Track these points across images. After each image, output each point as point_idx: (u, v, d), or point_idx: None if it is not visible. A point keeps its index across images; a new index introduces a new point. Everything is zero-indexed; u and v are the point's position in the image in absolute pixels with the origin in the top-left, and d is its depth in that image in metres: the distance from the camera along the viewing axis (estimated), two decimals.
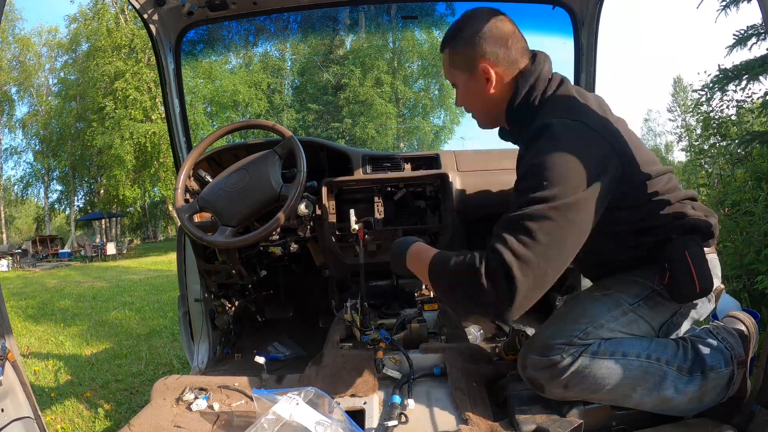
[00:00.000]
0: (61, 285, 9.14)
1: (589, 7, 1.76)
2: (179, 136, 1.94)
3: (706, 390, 1.06)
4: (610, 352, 1.06)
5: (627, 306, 1.10)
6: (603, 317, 1.09)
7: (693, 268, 1.02)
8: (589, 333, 1.07)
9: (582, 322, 1.08)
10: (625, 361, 1.05)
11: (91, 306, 5.98)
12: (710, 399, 1.08)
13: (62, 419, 2.25)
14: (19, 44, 23.52)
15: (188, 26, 1.83)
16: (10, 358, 1.01)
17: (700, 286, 1.02)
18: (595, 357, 1.05)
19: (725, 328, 1.14)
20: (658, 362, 1.06)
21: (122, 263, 15.11)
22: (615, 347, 1.06)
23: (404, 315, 1.64)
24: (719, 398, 1.09)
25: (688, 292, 1.04)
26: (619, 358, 1.05)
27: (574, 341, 1.06)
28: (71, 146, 23.28)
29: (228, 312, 2.02)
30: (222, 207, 1.50)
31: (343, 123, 22.87)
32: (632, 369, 1.05)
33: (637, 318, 1.10)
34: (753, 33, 4.34)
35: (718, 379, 1.06)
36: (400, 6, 2.08)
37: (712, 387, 1.06)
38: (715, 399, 1.09)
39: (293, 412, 1.04)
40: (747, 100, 4.26)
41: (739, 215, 3.01)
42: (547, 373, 1.07)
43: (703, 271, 1.03)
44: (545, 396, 1.11)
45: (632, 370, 1.05)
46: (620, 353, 1.05)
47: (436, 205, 1.80)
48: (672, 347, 1.09)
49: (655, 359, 1.06)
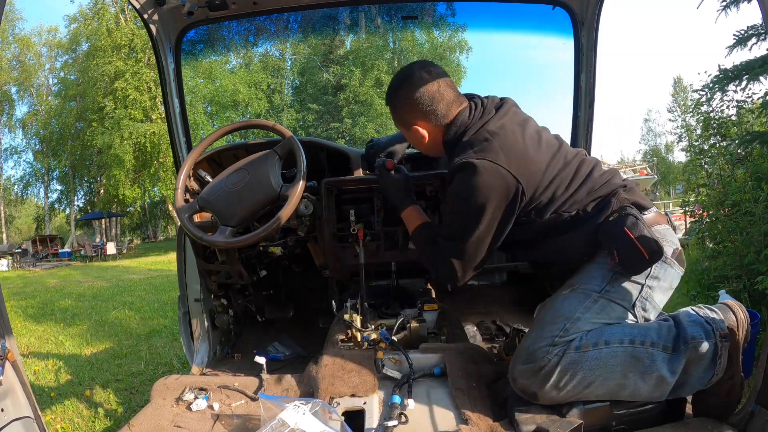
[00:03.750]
0: (61, 285, 9.15)
1: (589, 7, 1.76)
2: (179, 136, 1.94)
3: (691, 360, 1.08)
4: (593, 343, 1.09)
5: (596, 294, 1.15)
6: (577, 311, 1.14)
7: (634, 239, 1.09)
8: (568, 329, 1.12)
9: (558, 321, 1.14)
10: (609, 349, 1.08)
11: (91, 306, 5.98)
12: (699, 374, 1.09)
13: (62, 419, 2.25)
14: (19, 44, 23.53)
15: (188, 26, 1.83)
16: (10, 358, 1.01)
17: (648, 254, 1.09)
18: (579, 351, 1.09)
19: (706, 306, 1.17)
20: (643, 345, 1.08)
21: (122, 263, 15.12)
22: (597, 337, 1.10)
23: (404, 315, 1.65)
24: (708, 375, 1.09)
25: (638, 262, 1.11)
26: (603, 347, 1.09)
27: (556, 341, 1.11)
28: (71, 146, 23.28)
29: (228, 312, 2.02)
30: (222, 207, 1.50)
31: (343, 123, 22.87)
32: (618, 356, 1.08)
33: (608, 302, 1.15)
34: (753, 33, 4.33)
35: (702, 350, 1.07)
36: (400, 6, 2.08)
37: (697, 358, 1.08)
38: (704, 375, 1.09)
39: (299, 421, 1.06)
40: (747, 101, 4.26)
41: (739, 215, 3.01)
42: (537, 379, 1.10)
43: (646, 240, 1.09)
44: (540, 403, 1.13)
45: (619, 357, 1.08)
46: (603, 342, 1.09)
47: (436, 205, 1.80)
48: (654, 328, 1.11)
49: (639, 343, 1.08)
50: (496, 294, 2.29)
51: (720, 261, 3.28)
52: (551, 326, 1.14)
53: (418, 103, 1.29)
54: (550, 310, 1.19)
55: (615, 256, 1.13)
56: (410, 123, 1.34)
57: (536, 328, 1.19)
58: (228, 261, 1.79)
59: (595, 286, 1.16)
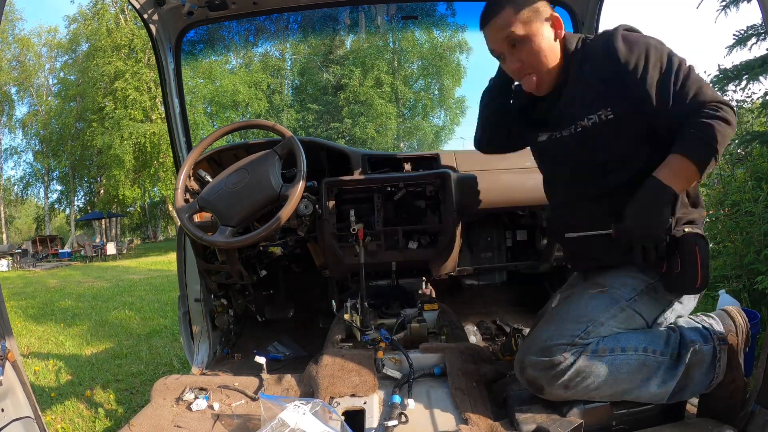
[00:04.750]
0: (61, 285, 9.14)
1: (589, 7, 1.76)
2: (179, 136, 1.94)
3: (692, 365, 1.08)
4: (609, 349, 1.08)
5: (624, 302, 1.12)
6: (602, 316, 1.11)
7: (700, 263, 1.04)
8: (590, 332, 1.09)
9: (583, 321, 1.10)
10: (624, 356, 1.08)
11: (92, 306, 5.98)
12: (700, 377, 1.09)
13: (62, 419, 2.25)
14: (19, 44, 23.50)
15: (188, 26, 1.83)
16: (10, 358, 1.01)
17: (702, 282, 1.05)
18: (595, 355, 1.07)
19: (704, 314, 1.18)
20: (654, 354, 1.09)
21: (122, 263, 15.11)
22: (614, 344, 1.08)
23: (404, 315, 1.65)
24: (709, 378, 1.10)
25: (688, 286, 1.06)
26: (618, 354, 1.08)
27: (576, 341, 1.08)
28: (71, 146, 23.25)
29: (228, 312, 2.02)
30: (222, 207, 1.50)
31: (343, 123, 22.85)
32: (631, 363, 1.07)
33: (633, 314, 1.13)
34: (753, 33, 4.33)
35: (700, 354, 1.09)
36: (400, 6, 2.08)
37: (697, 362, 1.08)
38: (704, 379, 1.10)
39: (299, 421, 1.06)
40: (747, 100, 4.26)
41: (739, 215, 3.01)
42: (549, 374, 1.08)
43: (707, 269, 1.05)
44: (544, 397, 1.12)
45: (631, 365, 1.07)
46: (619, 349, 1.08)
47: (436, 205, 1.80)
48: (663, 336, 1.12)
49: (651, 351, 1.09)
50: (496, 294, 2.30)
51: (720, 261, 3.28)
52: (574, 325, 1.10)
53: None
54: (574, 307, 1.15)
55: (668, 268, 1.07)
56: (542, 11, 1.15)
57: (556, 321, 1.14)
58: (228, 261, 1.79)
59: (625, 293, 1.13)
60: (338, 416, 1.15)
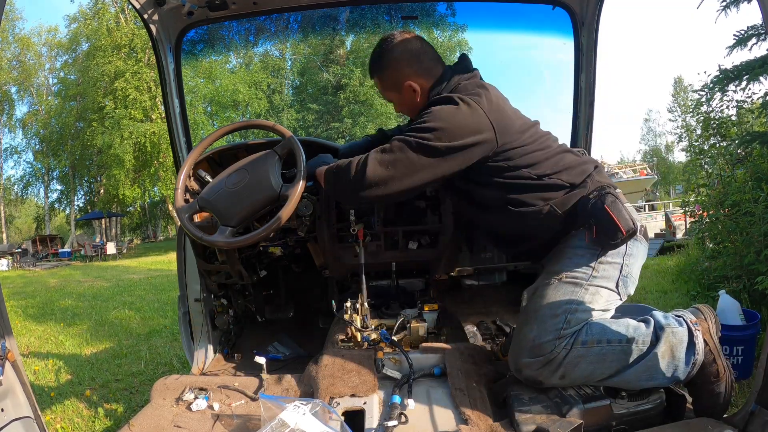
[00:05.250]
0: (61, 284, 9.15)
1: (589, 7, 1.76)
2: (179, 136, 1.94)
3: (673, 345, 1.16)
4: (596, 340, 1.17)
5: (585, 283, 1.22)
6: (573, 302, 1.20)
7: (614, 216, 1.17)
8: (570, 321, 1.18)
9: (559, 313, 1.19)
10: (610, 347, 1.17)
11: (92, 305, 5.98)
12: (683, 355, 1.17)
13: (62, 419, 2.25)
14: (19, 44, 23.52)
15: (188, 26, 1.83)
16: (10, 357, 1.01)
17: (625, 229, 1.17)
18: (585, 346, 1.16)
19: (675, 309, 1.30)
20: (637, 343, 1.17)
21: (122, 263, 15.12)
22: (600, 335, 1.17)
23: (404, 315, 1.65)
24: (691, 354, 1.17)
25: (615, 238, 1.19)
26: (605, 345, 1.17)
27: (562, 333, 1.17)
28: (71, 146, 23.26)
29: (228, 312, 2.02)
30: (222, 207, 1.50)
31: (343, 123, 22.85)
32: (617, 353, 1.16)
33: (597, 289, 1.22)
34: (753, 33, 4.33)
35: (679, 333, 1.18)
36: (400, 6, 2.08)
37: (677, 341, 1.17)
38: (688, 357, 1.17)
39: (299, 422, 1.07)
40: (747, 101, 4.25)
41: (739, 215, 3.01)
42: (545, 370, 1.17)
43: (623, 216, 1.18)
44: (543, 386, 1.19)
45: (617, 354, 1.16)
46: (605, 340, 1.17)
47: (436, 205, 1.80)
48: (644, 326, 1.20)
49: (635, 341, 1.17)
50: (496, 294, 2.29)
51: (720, 261, 3.28)
52: (553, 319, 1.19)
53: (406, 59, 1.35)
54: (544, 302, 1.23)
55: (593, 231, 1.20)
56: (401, 82, 1.37)
57: (536, 320, 1.22)
58: (228, 261, 1.79)
59: (581, 273, 1.23)
60: (338, 416, 1.15)
